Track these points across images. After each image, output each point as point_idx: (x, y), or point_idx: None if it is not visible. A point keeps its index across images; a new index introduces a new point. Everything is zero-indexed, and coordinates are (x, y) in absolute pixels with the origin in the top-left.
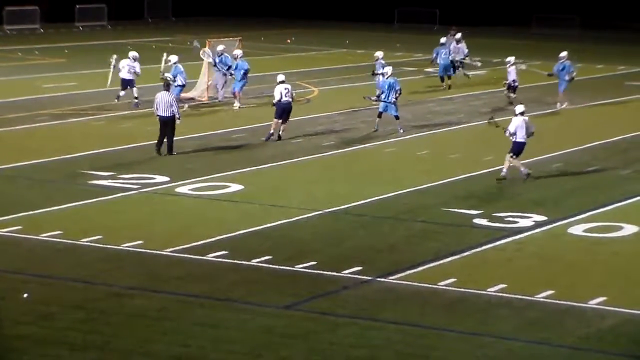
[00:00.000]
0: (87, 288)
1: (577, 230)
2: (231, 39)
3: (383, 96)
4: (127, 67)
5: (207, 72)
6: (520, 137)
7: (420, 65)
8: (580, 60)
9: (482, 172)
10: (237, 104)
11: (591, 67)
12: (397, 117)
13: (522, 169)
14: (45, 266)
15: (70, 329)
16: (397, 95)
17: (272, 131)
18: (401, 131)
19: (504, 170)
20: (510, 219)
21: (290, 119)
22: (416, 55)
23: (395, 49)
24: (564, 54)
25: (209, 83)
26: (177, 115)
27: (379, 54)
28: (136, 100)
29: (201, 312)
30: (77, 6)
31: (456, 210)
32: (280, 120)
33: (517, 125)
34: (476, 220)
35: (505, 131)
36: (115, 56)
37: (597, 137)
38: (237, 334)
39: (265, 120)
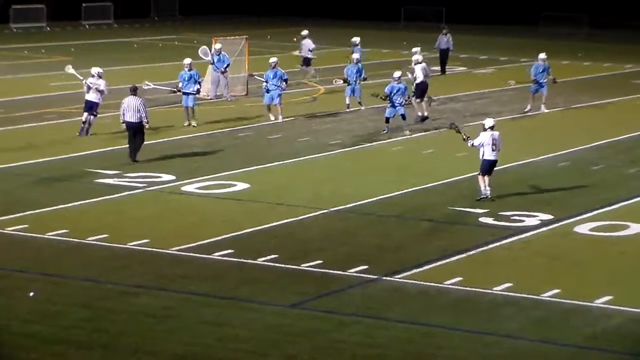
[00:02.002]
0: (93, 287)
1: (584, 229)
2: (237, 37)
3: (395, 98)
4: (90, 85)
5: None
6: (489, 155)
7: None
8: (588, 58)
9: None
10: (280, 118)
11: (599, 66)
12: (404, 117)
13: (483, 189)
14: (52, 265)
15: (76, 327)
16: (407, 100)
17: (419, 113)
18: (407, 132)
19: (482, 189)
20: (517, 217)
21: (297, 117)
22: (423, 53)
23: (401, 47)
24: (543, 55)
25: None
26: (145, 121)
27: (355, 56)
28: (85, 126)
29: (207, 310)
30: (84, 4)
31: (462, 209)
32: (420, 100)
33: (483, 141)
34: (482, 219)
35: (466, 140)
36: (69, 67)
37: (604, 135)
38: (243, 333)
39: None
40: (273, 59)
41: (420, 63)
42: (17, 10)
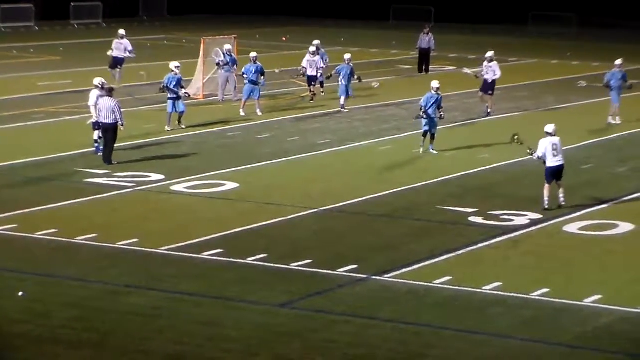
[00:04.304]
0: (82, 286)
1: (573, 228)
2: (226, 37)
3: (430, 112)
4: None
5: (203, 70)
6: (551, 161)
7: (414, 63)
8: (577, 58)
9: (477, 170)
10: (259, 111)
11: (587, 65)
12: (432, 137)
13: (547, 199)
14: (41, 264)
15: (66, 327)
16: (441, 111)
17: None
18: (429, 150)
19: (546, 200)
20: (506, 217)
21: (286, 117)
22: (412, 53)
23: (390, 46)
24: (620, 61)
25: (205, 81)
26: (120, 122)
27: (347, 56)
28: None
29: (196, 310)
30: (72, 4)
31: (451, 208)
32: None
33: (545, 150)
34: (471, 219)
35: (530, 153)
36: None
37: (593, 134)
38: (233, 332)
39: (261, 117)
40: (253, 54)
41: (494, 61)
42: (6, 9)
